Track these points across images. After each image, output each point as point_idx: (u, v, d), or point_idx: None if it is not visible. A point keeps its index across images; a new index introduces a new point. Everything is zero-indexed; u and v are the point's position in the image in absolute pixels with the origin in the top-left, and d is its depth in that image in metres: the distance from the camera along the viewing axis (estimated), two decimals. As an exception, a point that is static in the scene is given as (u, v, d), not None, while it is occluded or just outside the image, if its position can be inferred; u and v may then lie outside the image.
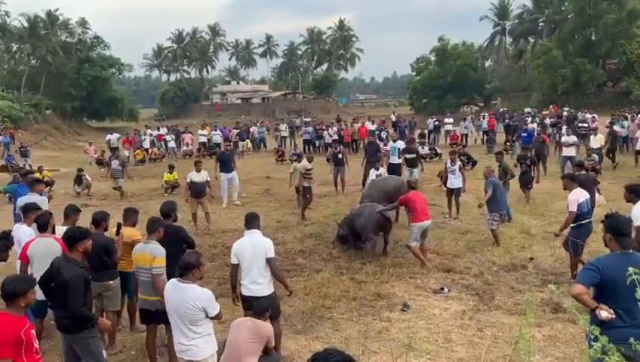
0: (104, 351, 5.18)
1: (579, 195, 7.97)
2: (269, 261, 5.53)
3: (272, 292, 5.64)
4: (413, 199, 9.10)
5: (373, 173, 13.06)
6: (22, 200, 8.08)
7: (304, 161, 13.46)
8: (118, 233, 6.49)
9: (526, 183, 13.26)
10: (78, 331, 4.79)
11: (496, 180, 10.14)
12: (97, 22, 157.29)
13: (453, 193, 12.22)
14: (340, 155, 16.11)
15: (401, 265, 8.90)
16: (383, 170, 13.36)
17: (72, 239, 4.89)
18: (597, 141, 18.12)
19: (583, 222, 7.88)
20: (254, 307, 5.13)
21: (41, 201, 8.01)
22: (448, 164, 12.40)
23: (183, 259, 4.65)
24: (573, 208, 7.79)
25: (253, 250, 5.54)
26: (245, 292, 5.59)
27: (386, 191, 10.81)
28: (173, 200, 7.50)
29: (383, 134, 24.16)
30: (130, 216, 6.68)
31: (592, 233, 8.12)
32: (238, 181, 15.18)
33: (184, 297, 4.46)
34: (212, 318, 4.60)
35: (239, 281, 5.70)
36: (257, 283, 5.53)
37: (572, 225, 7.88)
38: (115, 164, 16.94)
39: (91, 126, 56.80)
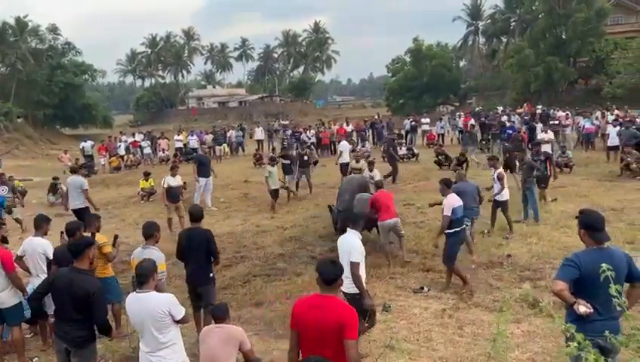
0: None
1: (453, 200, 7.85)
2: (350, 264, 5.57)
3: (357, 293, 5.63)
4: None
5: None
6: None
7: (362, 161, 13.64)
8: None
9: (540, 182, 12.06)
10: (87, 344, 4.75)
11: (464, 186, 9.13)
12: (68, 28, 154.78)
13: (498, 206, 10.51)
14: (305, 157, 16.28)
15: (381, 265, 8.92)
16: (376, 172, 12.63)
17: (78, 248, 4.79)
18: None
19: (457, 229, 7.77)
20: (214, 313, 5.09)
21: None
22: (493, 173, 10.63)
23: (139, 267, 4.53)
24: (448, 212, 7.71)
25: (342, 246, 5.74)
26: None
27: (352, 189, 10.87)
28: (199, 205, 7.43)
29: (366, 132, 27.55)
30: (94, 222, 6.69)
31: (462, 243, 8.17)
32: (213, 186, 15.11)
33: (148, 306, 4.36)
34: (178, 322, 4.49)
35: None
36: (346, 279, 5.60)
37: (448, 231, 7.78)
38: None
39: (64, 133, 55.77)
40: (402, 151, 22.80)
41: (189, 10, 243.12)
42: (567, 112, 25.84)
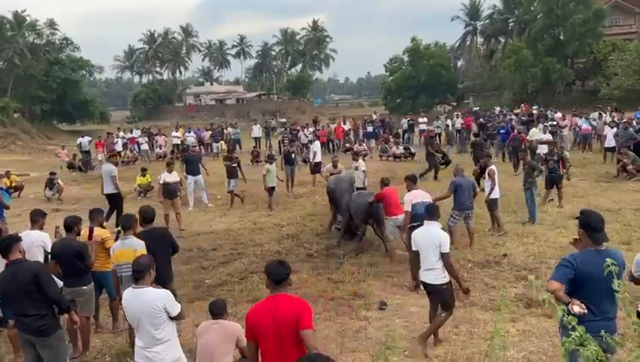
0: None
1: (413, 196, 8.05)
2: (442, 255, 5.70)
3: (447, 282, 5.77)
4: None
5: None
6: None
7: (340, 165, 13.27)
8: (90, 237, 6.40)
9: (555, 182, 12.19)
10: (53, 331, 4.73)
11: (461, 181, 9.58)
12: (66, 23, 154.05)
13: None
14: (292, 155, 16.39)
15: (378, 263, 8.94)
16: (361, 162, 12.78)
17: (6, 246, 4.83)
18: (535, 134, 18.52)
19: (414, 224, 7.52)
20: (212, 309, 5.05)
21: None
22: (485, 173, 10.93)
23: (136, 262, 4.53)
24: (408, 207, 7.90)
25: (427, 239, 5.83)
26: (422, 278, 5.92)
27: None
28: (151, 206, 7.35)
29: (369, 128, 27.87)
30: (97, 217, 6.68)
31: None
32: (209, 183, 15.04)
33: (144, 302, 4.35)
34: (174, 318, 4.48)
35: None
36: (431, 271, 5.77)
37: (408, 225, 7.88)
38: None
39: (62, 129, 55.59)
40: (399, 150, 22.87)
41: (186, 7, 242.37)
42: (563, 113, 25.95)
